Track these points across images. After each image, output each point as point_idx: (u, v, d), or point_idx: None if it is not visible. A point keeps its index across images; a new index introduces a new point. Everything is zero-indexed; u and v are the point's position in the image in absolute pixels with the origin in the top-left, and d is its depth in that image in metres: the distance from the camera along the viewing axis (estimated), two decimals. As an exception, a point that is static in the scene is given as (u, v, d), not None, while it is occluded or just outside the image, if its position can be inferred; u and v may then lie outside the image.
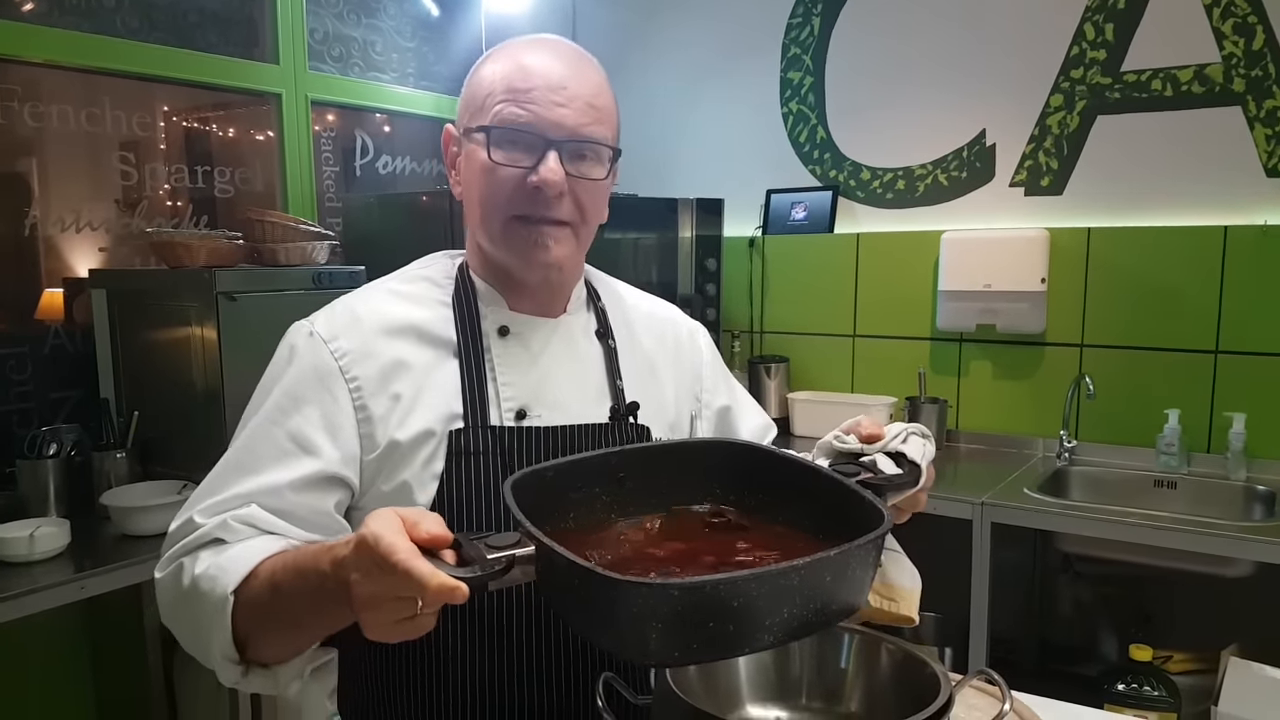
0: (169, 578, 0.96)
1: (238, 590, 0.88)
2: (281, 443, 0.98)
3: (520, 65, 1.02)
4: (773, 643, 0.72)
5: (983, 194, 3.02)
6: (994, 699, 1.14)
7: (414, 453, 1.00)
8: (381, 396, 1.01)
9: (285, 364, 1.03)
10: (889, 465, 0.90)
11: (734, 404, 1.28)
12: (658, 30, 3.57)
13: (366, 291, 1.10)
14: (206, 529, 0.94)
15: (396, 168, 3.39)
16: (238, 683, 0.91)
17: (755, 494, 0.91)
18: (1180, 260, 2.67)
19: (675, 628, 0.68)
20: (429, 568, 0.69)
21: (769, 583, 0.69)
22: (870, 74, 3.17)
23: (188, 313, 2.25)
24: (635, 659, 0.71)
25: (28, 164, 2.45)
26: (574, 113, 1.00)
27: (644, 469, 0.92)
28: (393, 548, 0.70)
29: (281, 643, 0.90)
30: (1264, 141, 2.59)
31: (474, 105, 1.05)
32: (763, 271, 3.38)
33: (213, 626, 0.89)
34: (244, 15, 2.89)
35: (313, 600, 0.83)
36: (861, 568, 0.75)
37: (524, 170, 1.00)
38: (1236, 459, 2.54)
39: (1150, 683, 2.30)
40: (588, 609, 0.72)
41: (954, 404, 3.04)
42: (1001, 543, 2.41)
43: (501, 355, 1.06)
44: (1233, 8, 2.59)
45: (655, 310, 1.26)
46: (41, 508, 2.14)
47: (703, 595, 0.68)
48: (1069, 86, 2.84)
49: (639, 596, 0.68)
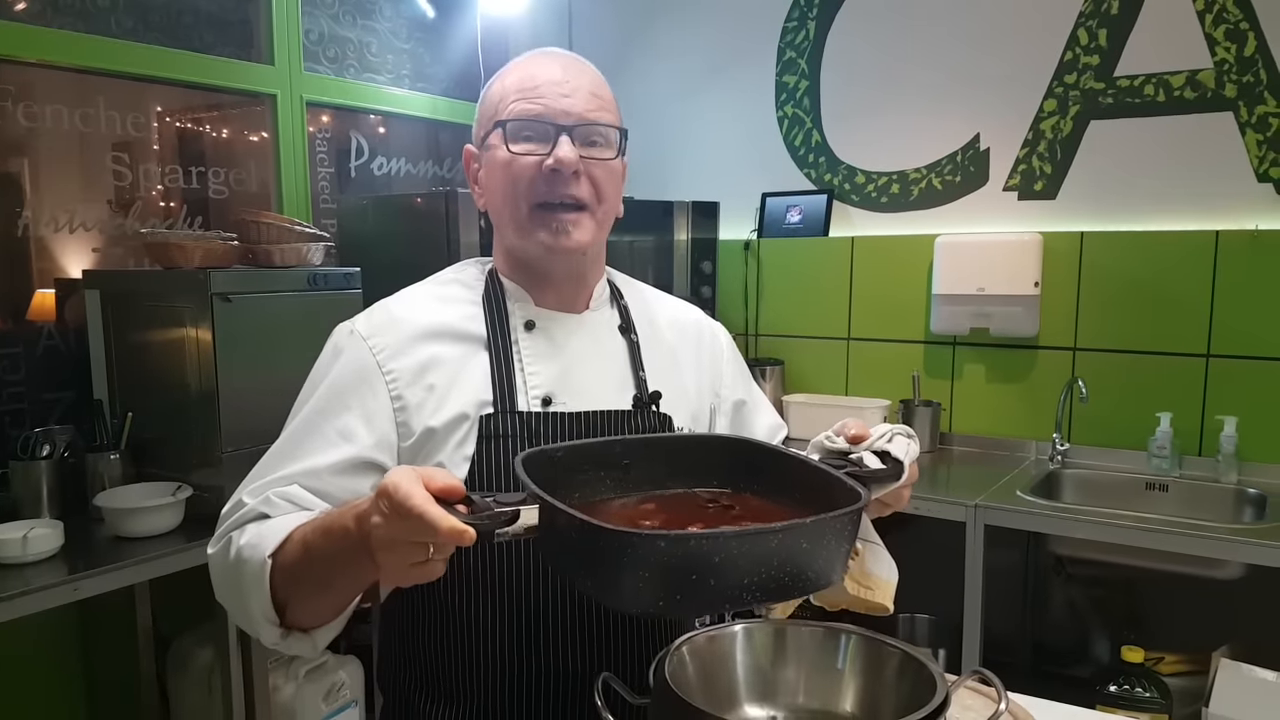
0: (219, 552, 1.03)
1: (274, 554, 0.96)
2: (325, 433, 1.07)
3: (526, 72, 1.13)
4: (749, 600, 0.77)
5: (976, 198, 3.03)
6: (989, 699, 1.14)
7: (448, 436, 1.08)
8: (417, 387, 1.09)
9: (329, 363, 1.12)
10: (874, 461, 0.97)
11: (750, 400, 1.34)
12: (654, 34, 3.58)
13: (404, 294, 1.19)
14: (252, 506, 1.03)
15: (391, 169, 3.39)
16: (278, 644, 0.99)
17: (749, 483, 0.99)
18: (1172, 264, 2.69)
19: (661, 577, 0.74)
20: (440, 511, 0.77)
21: (749, 542, 0.76)
22: (865, 78, 3.19)
23: (182, 314, 2.24)
24: (621, 606, 0.79)
25: (20, 164, 2.44)
26: (579, 100, 1.10)
27: (646, 457, 0.99)
28: (410, 494, 0.77)
29: (316, 604, 0.98)
30: (1255, 147, 2.61)
31: (487, 114, 1.15)
32: (758, 274, 3.39)
33: (254, 590, 0.97)
34: (239, 16, 2.88)
35: (340, 556, 0.90)
36: (836, 540, 0.81)
37: (540, 157, 1.09)
38: (1227, 462, 2.56)
39: (1142, 684, 2.31)
40: (582, 559, 0.78)
41: (947, 407, 3.06)
42: (994, 545, 2.42)
43: (529, 347, 1.14)
44: (1225, 14, 2.61)
45: (678, 309, 1.33)
46: (35, 509, 2.13)
47: (687, 548, 0.74)
48: (1062, 91, 2.86)
49: (629, 545, 0.74)
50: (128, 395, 2.36)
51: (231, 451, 2.17)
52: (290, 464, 1.05)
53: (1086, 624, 2.85)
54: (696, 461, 1.00)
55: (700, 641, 0.96)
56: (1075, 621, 2.88)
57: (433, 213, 2.73)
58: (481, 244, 2.65)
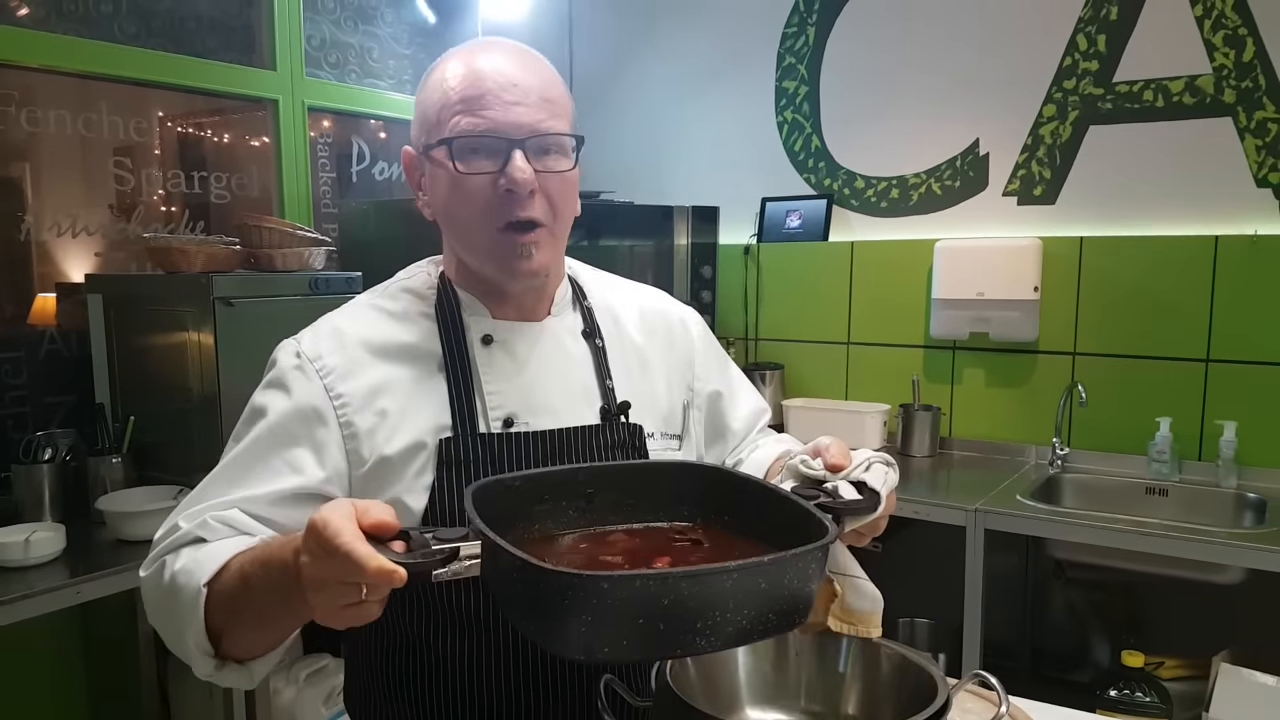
0: (152, 576, 0.97)
1: (210, 583, 0.90)
2: (271, 464, 1.00)
3: (469, 71, 1.01)
4: (705, 647, 0.72)
5: (976, 203, 3.04)
6: (989, 703, 1.15)
7: (405, 466, 1.01)
8: (367, 412, 1.01)
9: (275, 389, 1.04)
10: (850, 491, 0.92)
11: (726, 390, 1.27)
12: (654, 39, 3.59)
13: (351, 309, 1.11)
14: (188, 529, 0.96)
15: (393, 174, 3.40)
16: (212, 676, 0.93)
17: (720, 514, 0.92)
18: (1171, 269, 2.69)
19: (605, 622, 0.69)
20: (369, 551, 0.71)
21: (701, 583, 0.69)
22: (864, 83, 3.20)
23: (184, 318, 2.25)
24: (566, 653, 0.72)
25: (23, 169, 2.45)
26: (530, 109, 1.00)
27: (611, 486, 0.92)
28: (339, 531, 0.72)
29: (253, 636, 0.91)
30: (1254, 152, 2.62)
31: (428, 122, 1.04)
32: (758, 279, 3.39)
33: (189, 619, 0.91)
34: (242, 21, 2.89)
35: (276, 590, 0.84)
36: (799, 579, 0.74)
37: (492, 175, 1.00)
38: (1227, 466, 2.56)
39: (1142, 689, 2.31)
40: (525, 602, 0.72)
41: (947, 411, 3.06)
42: (994, 549, 2.42)
43: (487, 364, 1.06)
44: (1224, 20, 2.62)
45: (644, 302, 1.24)
46: (37, 513, 2.14)
47: (632, 590, 0.69)
48: (1062, 97, 2.87)
49: (570, 588, 0.68)
50: (130, 399, 2.37)
51: (233, 455, 2.17)
52: (232, 490, 0.99)
53: (1086, 628, 2.85)
54: (665, 491, 0.94)
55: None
56: (1075, 626, 2.88)
57: (434, 217, 2.73)
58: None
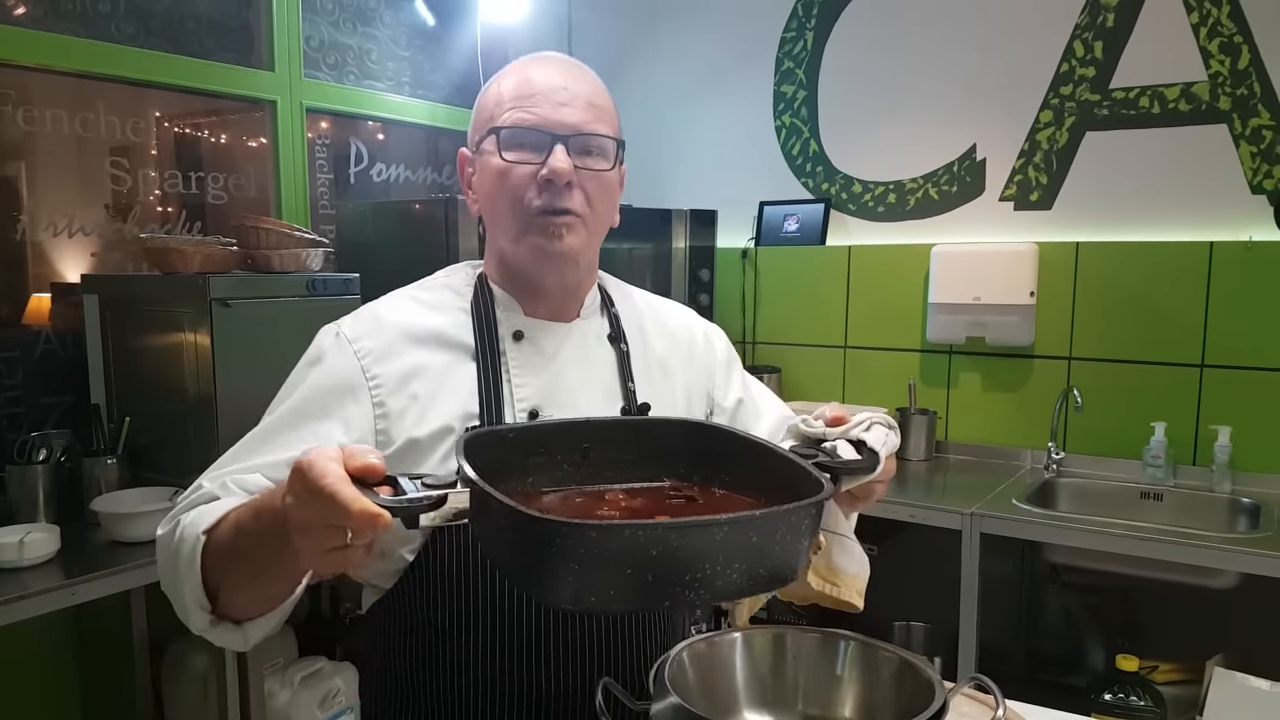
0: (166, 534, 0.99)
1: (209, 530, 0.92)
2: (301, 433, 1.03)
3: (523, 77, 1.10)
4: (692, 599, 0.71)
5: (973, 208, 3.05)
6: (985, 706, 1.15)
7: (433, 449, 1.05)
8: (400, 395, 1.06)
9: (311, 364, 1.09)
10: (849, 451, 0.91)
11: (748, 398, 1.30)
12: (653, 42, 3.59)
13: (391, 298, 1.17)
14: (208, 489, 0.99)
15: (391, 175, 3.40)
16: (206, 631, 0.94)
17: (716, 471, 0.93)
18: (1167, 275, 2.70)
19: (592, 571, 0.68)
20: (353, 493, 0.71)
21: (691, 535, 0.69)
22: (862, 88, 3.20)
23: (181, 318, 2.25)
24: (555, 602, 0.72)
25: (19, 168, 2.45)
26: (576, 110, 1.08)
27: (608, 441, 0.93)
28: (323, 472, 0.72)
29: (247, 592, 0.93)
30: (1249, 159, 2.63)
31: (483, 119, 1.12)
32: (755, 282, 3.40)
33: (188, 570, 0.92)
34: (240, 22, 2.89)
35: (266, 536, 0.84)
36: (791, 536, 0.74)
37: (535, 166, 1.07)
38: (1222, 471, 2.57)
39: (1137, 693, 2.32)
40: (513, 549, 0.72)
41: (943, 415, 3.07)
42: (990, 553, 2.43)
43: (516, 358, 1.12)
44: (1219, 27, 2.63)
45: (670, 314, 1.30)
46: (31, 513, 2.13)
47: (620, 539, 0.69)
48: (1058, 103, 2.88)
49: (557, 535, 0.68)
50: (125, 400, 2.36)
51: (229, 456, 2.17)
52: (258, 456, 1.03)
53: (1081, 632, 2.86)
54: (661, 448, 0.94)
55: (700, 647, 0.97)
56: (1070, 630, 2.88)
57: (431, 219, 2.74)
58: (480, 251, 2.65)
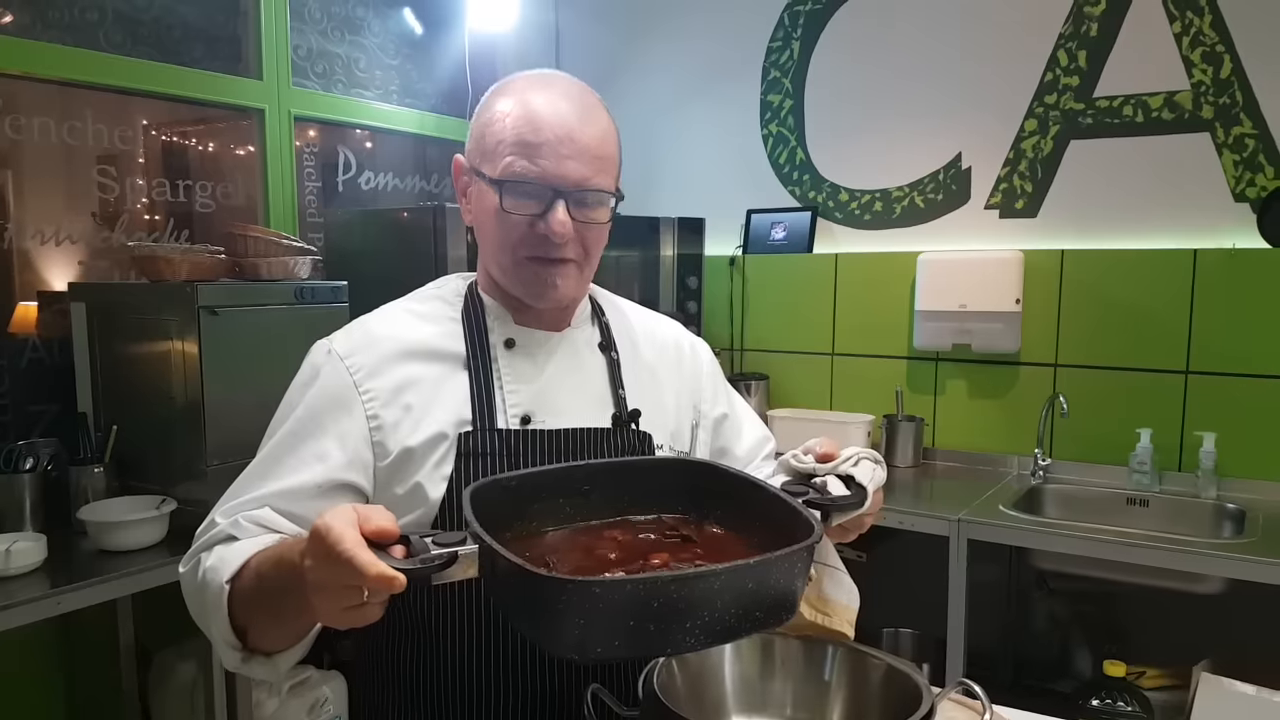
0: (189, 573, 1.03)
1: (232, 580, 0.95)
2: (301, 455, 1.06)
3: (530, 113, 1.07)
4: (694, 645, 0.75)
5: (958, 216, 3.07)
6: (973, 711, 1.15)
7: (426, 456, 1.07)
8: (394, 407, 1.07)
9: (307, 383, 1.10)
10: (838, 487, 0.95)
11: (731, 414, 1.33)
12: (640, 51, 3.60)
13: (382, 311, 1.18)
14: (222, 527, 1.02)
15: (379, 184, 3.40)
16: (239, 668, 0.98)
17: (712, 509, 0.96)
18: (1151, 282, 2.73)
19: (598, 624, 0.72)
20: (370, 557, 0.74)
21: (689, 585, 0.73)
22: (849, 97, 3.22)
23: (168, 327, 2.24)
24: (562, 653, 0.76)
25: (5, 176, 2.43)
26: (580, 165, 1.06)
27: (606, 482, 0.97)
28: (340, 538, 0.74)
29: (273, 631, 0.96)
30: (1232, 167, 2.65)
31: (484, 147, 1.10)
32: (743, 290, 3.41)
33: (215, 615, 0.96)
34: (228, 31, 2.89)
35: (285, 589, 0.87)
36: (785, 578, 0.78)
37: (533, 217, 1.06)
38: (1207, 477, 2.59)
39: (1124, 698, 2.33)
40: (522, 604, 0.76)
41: (930, 422, 3.08)
42: (977, 559, 2.44)
43: (508, 366, 1.13)
44: (1201, 37, 2.66)
45: (658, 325, 1.32)
46: (17, 522, 2.11)
47: (623, 594, 0.73)
48: (1043, 111, 2.90)
49: (563, 592, 0.72)
50: (112, 408, 2.35)
51: (217, 465, 2.16)
52: (264, 485, 1.05)
53: (1068, 638, 2.87)
54: (658, 486, 0.98)
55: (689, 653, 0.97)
56: (1057, 635, 2.89)
57: (419, 227, 2.73)
58: (469, 259, 2.66)
